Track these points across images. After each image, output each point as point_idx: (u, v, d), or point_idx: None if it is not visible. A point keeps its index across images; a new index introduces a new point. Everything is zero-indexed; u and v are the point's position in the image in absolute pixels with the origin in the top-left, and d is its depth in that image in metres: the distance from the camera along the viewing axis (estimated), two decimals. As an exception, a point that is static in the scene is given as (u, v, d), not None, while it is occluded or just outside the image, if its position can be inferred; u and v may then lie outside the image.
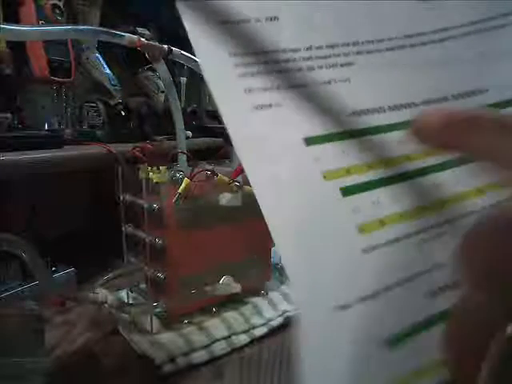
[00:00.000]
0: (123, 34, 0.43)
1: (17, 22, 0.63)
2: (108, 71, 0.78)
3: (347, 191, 0.18)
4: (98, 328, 0.45)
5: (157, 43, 0.49)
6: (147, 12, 1.00)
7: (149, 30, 0.90)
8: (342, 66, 0.21)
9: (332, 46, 0.21)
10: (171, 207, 0.42)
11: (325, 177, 0.18)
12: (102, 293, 0.40)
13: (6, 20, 0.62)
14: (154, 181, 0.42)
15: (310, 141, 0.19)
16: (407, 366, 0.16)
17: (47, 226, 0.63)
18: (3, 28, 0.30)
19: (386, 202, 0.18)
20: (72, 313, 0.49)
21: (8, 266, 0.47)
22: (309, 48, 0.21)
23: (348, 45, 0.22)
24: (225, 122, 0.18)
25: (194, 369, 0.39)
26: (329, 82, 0.21)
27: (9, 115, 0.60)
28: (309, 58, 0.21)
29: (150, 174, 0.43)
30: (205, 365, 0.39)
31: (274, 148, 0.18)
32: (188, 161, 0.51)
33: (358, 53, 0.22)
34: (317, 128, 0.19)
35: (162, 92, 0.87)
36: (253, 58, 0.20)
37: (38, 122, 0.71)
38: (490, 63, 0.23)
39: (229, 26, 0.21)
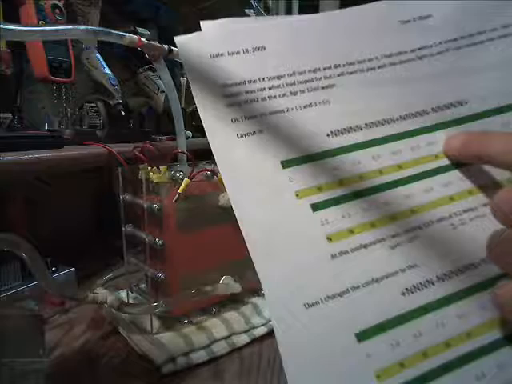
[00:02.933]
0: (123, 33, 0.43)
1: (17, 21, 0.63)
2: (108, 71, 0.78)
3: (317, 207, 0.20)
4: (98, 328, 0.45)
5: (157, 43, 0.49)
6: (147, 12, 1.00)
7: (149, 30, 0.90)
8: (323, 88, 0.23)
9: (314, 70, 0.23)
10: (171, 207, 0.42)
11: (297, 195, 0.20)
12: (101, 293, 0.40)
13: (6, 20, 0.62)
14: (154, 181, 0.42)
15: (285, 163, 0.21)
16: (386, 357, 0.18)
17: (47, 226, 0.63)
18: (3, 28, 0.30)
19: (356, 213, 0.20)
20: (72, 313, 0.49)
21: (8, 266, 0.47)
22: (292, 74, 0.23)
23: (330, 68, 0.23)
24: (212, 149, 0.21)
25: (193, 369, 0.39)
26: (310, 105, 0.22)
27: (9, 115, 0.60)
28: (292, 84, 0.22)
29: (150, 174, 0.43)
30: (205, 365, 0.39)
31: (253, 171, 0.21)
32: (188, 161, 0.51)
33: (340, 74, 0.23)
34: (293, 151, 0.21)
35: (162, 92, 0.87)
36: (241, 87, 0.22)
37: (38, 122, 0.71)
38: (469, 77, 0.24)
39: (220, 58, 0.22)
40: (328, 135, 0.22)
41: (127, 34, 0.43)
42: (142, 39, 0.46)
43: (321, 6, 2.30)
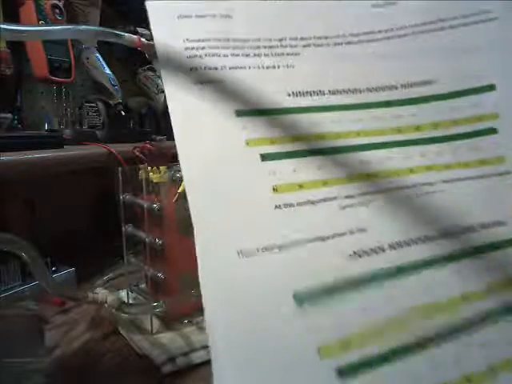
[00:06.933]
0: (123, 33, 0.42)
1: (17, 21, 0.63)
2: (108, 71, 0.78)
3: (266, 157, 0.20)
4: (98, 328, 0.45)
5: (157, 43, 0.49)
6: (147, 12, 1.00)
7: (149, 30, 0.90)
8: (288, 54, 0.23)
9: (280, 39, 0.24)
10: (171, 207, 0.42)
11: (247, 143, 0.20)
12: (101, 293, 0.40)
13: (6, 20, 0.62)
14: (154, 181, 0.42)
15: (240, 112, 0.21)
16: (329, 331, 0.15)
17: (47, 226, 0.63)
18: (3, 28, 0.29)
19: (308, 170, 0.20)
20: (72, 313, 0.49)
21: (8, 266, 0.47)
22: (257, 39, 0.23)
23: (296, 39, 0.24)
24: (167, 96, 0.21)
25: (193, 369, 0.39)
26: (273, 67, 0.23)
27: (9, 115, 0.60)
28: (257, 47, 0.23)
29: (150, 174, 0.43)
30: (205, 365, 0.39)
31: (205, 117, 0.20)
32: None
33: (305, 46, 0.24)
34: (250, 103, 0.21)
35: (162, 92, 0.87)
36: (204, 43, 0.22)
37: (38, 122, 0.71)
38: (434, 59, 0.25)
39: (188, 19, 0.23)
40: (289, 95, 0.22)
41: (127, 34, 0.43)
42: (142, 39, 0.46)
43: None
